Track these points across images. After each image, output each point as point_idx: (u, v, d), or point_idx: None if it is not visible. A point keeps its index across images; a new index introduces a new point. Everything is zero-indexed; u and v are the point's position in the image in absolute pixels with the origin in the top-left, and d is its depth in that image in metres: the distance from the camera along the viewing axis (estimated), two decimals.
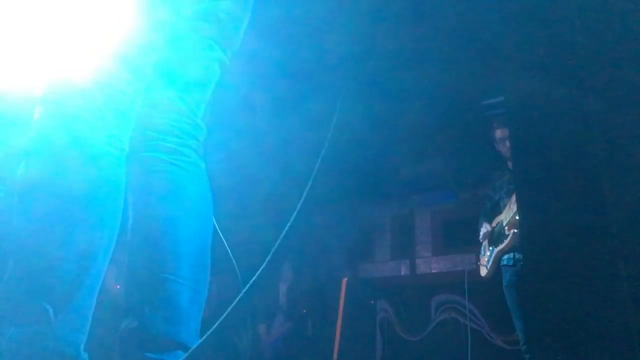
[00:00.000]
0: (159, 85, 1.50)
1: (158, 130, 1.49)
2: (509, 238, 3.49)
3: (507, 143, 3.58)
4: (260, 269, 1.36)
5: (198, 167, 1.54)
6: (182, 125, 1.53)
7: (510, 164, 3.62)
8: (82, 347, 1.15)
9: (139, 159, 1.47)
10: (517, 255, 3.46)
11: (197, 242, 1.47)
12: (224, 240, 1.63)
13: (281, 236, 1.33)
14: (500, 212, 3.71)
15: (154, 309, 1.33)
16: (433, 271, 5.91)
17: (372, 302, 5.67)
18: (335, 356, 4.92)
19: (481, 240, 3.90)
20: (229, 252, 1.60)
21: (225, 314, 1.31)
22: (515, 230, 3.43)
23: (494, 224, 3.77)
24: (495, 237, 3.72)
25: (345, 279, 5.53)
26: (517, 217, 3.40)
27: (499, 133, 3.67)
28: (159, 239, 1.41)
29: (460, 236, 5.48)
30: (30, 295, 1.10)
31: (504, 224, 3.58)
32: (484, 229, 3.81)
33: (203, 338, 1.33)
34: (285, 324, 4.92)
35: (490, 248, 3.75)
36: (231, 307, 1.29)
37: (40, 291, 1.10)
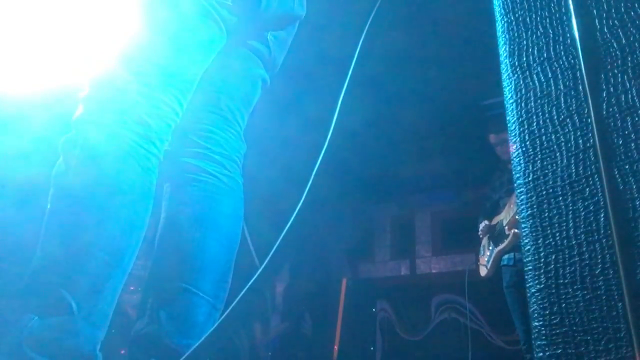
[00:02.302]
0: (208, 90, 1.49)
1: (204, 138, 1.49)
2: (509, 238, 3.49)
3: (499, 147, 3.62)
4: (260, 269, 1.36)
5: (237, 182, 1.54)
6: (227, 135, 1.53)
7: (509, 165, 3.62)
8: (98, 345, 1.16)
9: (180, 164, 1.47)
10: (517, 255, 3.46)
11: (223, 258, 1.47)
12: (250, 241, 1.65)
13: (281, 236, 1.33)
14: (500, 212, 3.71)
15: (170, 317, 1.33)
16: (433, 271, 5.91)
17: (374, 309, 5.66)
18: (335, 356, 4.92)
19: (481, 236, 3.89)
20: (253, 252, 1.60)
21: (225, 314, 1.31)
22: (516, 230, 3.42)
23: (493, 222, 3.77)
24: (495, 237, 3.72)
25: (345, 279, 5.53)
26: (517, 217, 3.40)
27: (492, 138, 3.71)
28: (187, 249, 1.40)
29: (460, 236, 5.48)
30: (55, 288, 1.11)
31: (504, 224, 3.58)
32: (483, 224, 3.81)
33: (203, 337, 1.33)
34: (282, 325, 4.92)
35: (490, 248, 3.75)
36: (231, 307, 1.29)
37: (66, 285, 1.11)
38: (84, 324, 1.11)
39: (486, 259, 3.79)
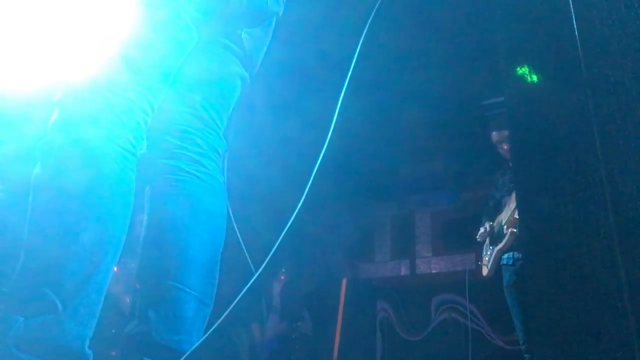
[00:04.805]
0: (181, 90, 1.50)
1: (180, 137, 1.50)
2: (507, 237, 3.49)
3: (504, 145, 3.60)
4: (260, 269, 1.36)
5: (216, 180, 1.55)
6: (204, 134, 1.53)
7: (511, 163, 3.63)
8: (87, 342, 1.17)
9: (158, 165, 1.48)
10: (516, 255, 3.46)
11: (208, 254, 1.48)
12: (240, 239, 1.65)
13: (281, 236, 1.33)
14: (501, 211, 3.71)
15: (158, 315, 1.34)
16: (433, 271, 5.91)
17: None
18: (335, 356, 4.92)
19: (479, 239, 3.90)
20: (244, 250, 1.61)
21: (225, 314, 1.31)
22: (514, 230, 3.43)
23: (494, 223, 3.78)
24: (495, 236, 3.72)
25: (345, 279, 5.53)
26: (516, 216, 3.40)
27: (495, 136, 3.68)
28: (171, 247, 1.42)
29: (460, 236, 5.48)
30: (39, 288, 1.12)
31: (503, 223, 3.58)
32: (483, 228, 3.82)
33: (203, 338, 1.33)
34: (280, 324, 4.91)
35: (491, 247, 3.76)
36: (231, 307, 1.29)
37: (50, 284, 1.13)
38: (70, 322, 1.13)
39: (487, 259, 3.80)
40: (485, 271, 3.83)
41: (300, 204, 1.35)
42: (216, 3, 1.48)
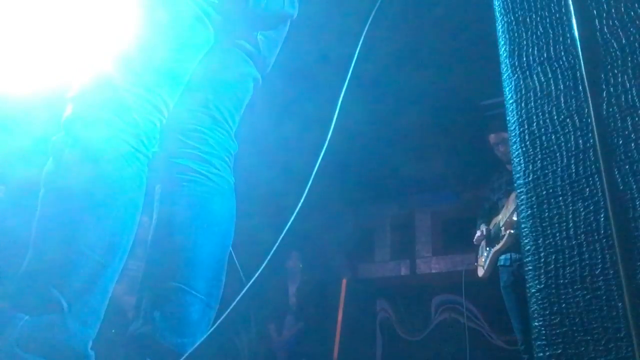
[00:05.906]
0: (194, 89, 1.50)
1: (192, 137, 1.49)
2: (505, 238, 3.49)
3: (501, 147, 3.60)
4: (260, 269, 1.36)
5: (227, 181, 1.54)
6: (216, 135, 1.53)
7: (508, 166, 3.62)
8: (90, 343, 1.16)
9: (168, 164, 1.48)
10: (513, 256, 3.46)
11: (216, 257, 1.47)
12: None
13: (281, 236, 1.33)
14: (498, 213, 3.72)
15: (164, 317, 1.34)
16: (433, 271, 5.91)
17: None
18: (335, 356, 4.92)
19: (475, 243, 3.91)
20: (232, 252, 1.60)
21: (225, 314, 1.31)
22: (512, 231, 3.43)
23: (490, 226, 3.78)
24: (492, 238, 3.72)
25: (345, 279, 5.53)
26: (514, 218, 3.40)
27: (492, 138, 3.68)
28: (179, 248, 1.41)
29: (460, 236, 5.48)
30: (46, 287, 1.12)
31: (501, 225, 3.58)
32: (479, 231, 3.83)
33: (203, 338, 1.33)
34: (297, 324, 4.92)
35: (488, 248, 3.76)
36: (231, 307, 1.29)
37: (56, 283, 1.12)
38: (75, 322, 1.12)
39: (484, 260, 3.80)
40: (481, 272, 3.82)
41: (300, 204, 1.35)
42: (235, 5, 1.48)
